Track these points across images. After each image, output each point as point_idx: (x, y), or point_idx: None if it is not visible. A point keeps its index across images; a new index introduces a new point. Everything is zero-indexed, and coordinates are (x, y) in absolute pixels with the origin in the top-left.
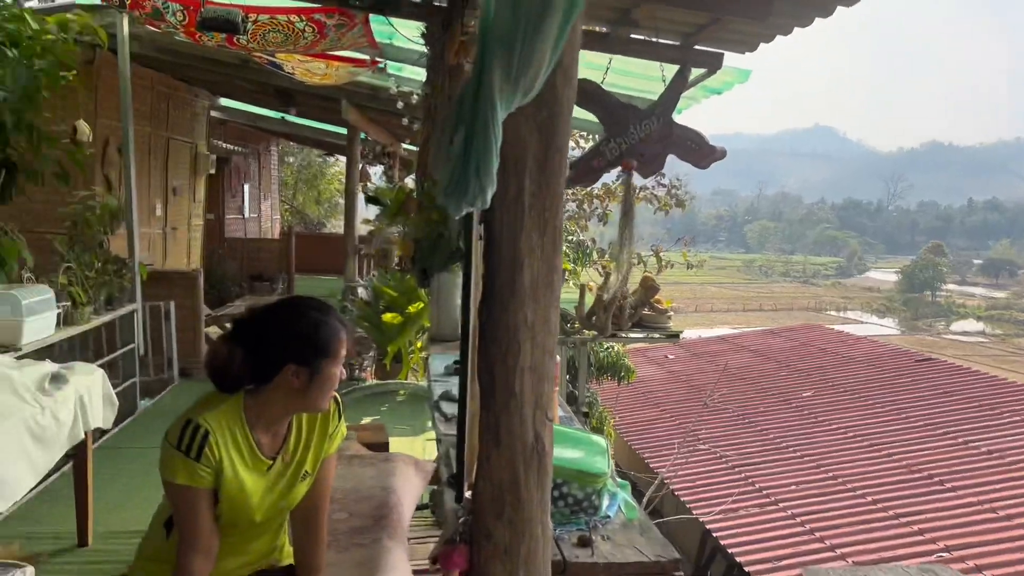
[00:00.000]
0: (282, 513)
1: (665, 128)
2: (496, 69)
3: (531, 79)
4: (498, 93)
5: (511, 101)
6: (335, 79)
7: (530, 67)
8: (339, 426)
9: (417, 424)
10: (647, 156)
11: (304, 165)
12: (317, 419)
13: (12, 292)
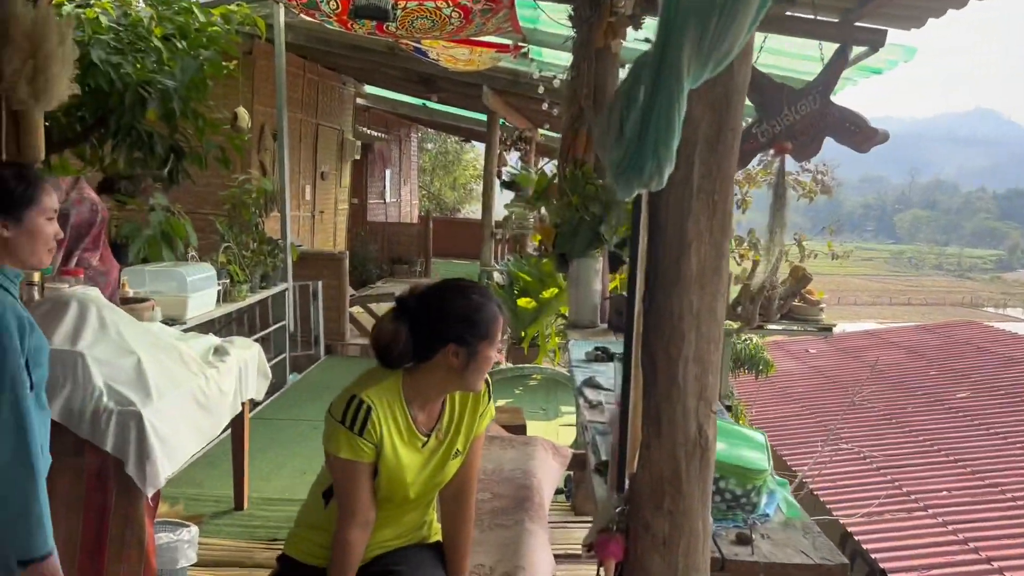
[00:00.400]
0: (433, 490)
1: (822, 109)
2: (686, 41)
3: (724, 53)
4: (686, 66)
5: (699, 76)
6: (478, 65)
7: (725, 40)
8: (488, 407)
9: (551, 409)
10: (802, 139)
11: (442, 151)
12: (469, 399)
13: (179, 269)
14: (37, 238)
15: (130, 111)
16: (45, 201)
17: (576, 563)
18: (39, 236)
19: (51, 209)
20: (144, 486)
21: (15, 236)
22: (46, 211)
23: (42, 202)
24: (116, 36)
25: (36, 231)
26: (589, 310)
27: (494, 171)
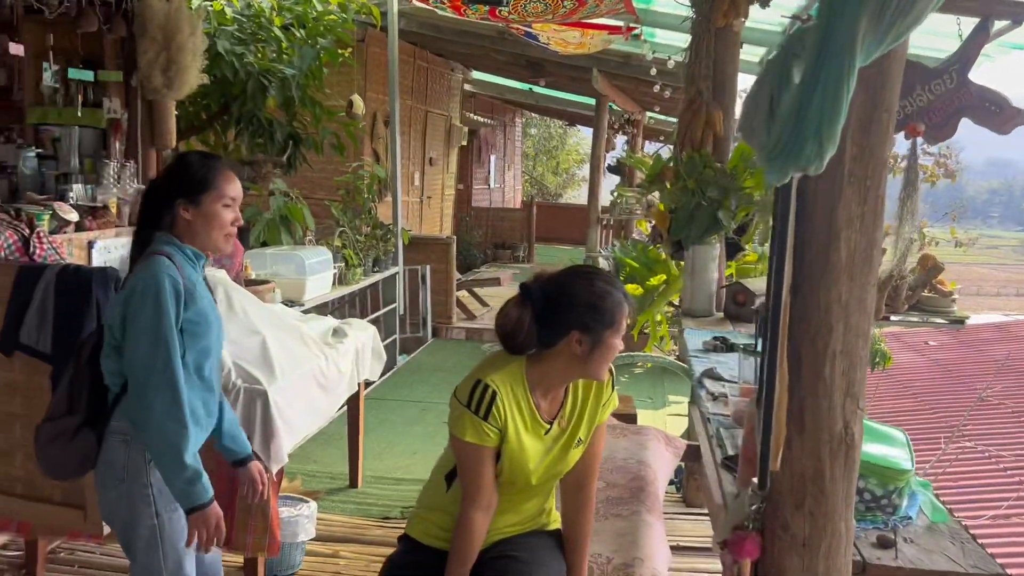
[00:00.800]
0: (555, 478)
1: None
2: (863, 14)
3: (905, 27)
4: (860, 39)
5: (873, 50)
6: (589, 48)
7: (909, 13)
8: (612, 396)
9: (658, 398)
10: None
11: (545, 136)
12: (592, 387)
13: (298, 252)
14: (212, 222)
15: (252, 99)
16: (223, 187)
17: (688, 555)
18: (214, 220)
19: (228, 196)
20: (269, 462)
21: (194, 219)
22: (223, 197)
23: (219, 188)
24: (240, 27)
25: (211, 215)
26: (705, 298)
27: (601, 155)
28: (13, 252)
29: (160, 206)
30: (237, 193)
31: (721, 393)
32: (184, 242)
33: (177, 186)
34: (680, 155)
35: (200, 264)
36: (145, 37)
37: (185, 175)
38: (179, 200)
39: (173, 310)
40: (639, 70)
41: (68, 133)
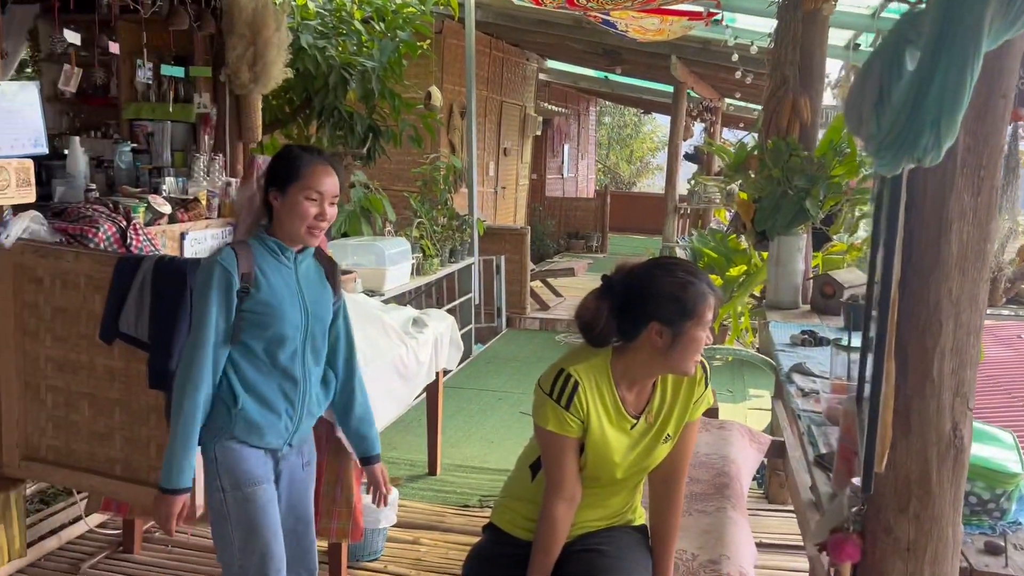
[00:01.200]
0: (641, 473)
1: None
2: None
3: None
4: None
5: (1000, 36)
6: (668, 34)
7: None
8: (705, 393)
9: (737, 391)
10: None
11: (619, 125)
12: (683, 383)
13: (378, 243)
14: (294, 213)
15: (333, 92)
16: (308, 179)
17: (772, 553)
18: (295, 211)
19: (314, 189)
20: (353, 449)
21: (280, 208)
22: (307, 189)
23: (304, 179)
24: (322, 21)
25: (294, 206)
26: (790, 291)
27: (679, 143)
28: (112, 243)
29: (264, 194)
30: (327, 188)
31: (812, 389)
32: (274, 231)
33: (272, 174)
34: (765, 143)
35: (286, 255)
36: (233, 33)
37: (278, 164)
38: (271, 188)
39: (218, 300)
40: (719, 56)
41: (161, 128)
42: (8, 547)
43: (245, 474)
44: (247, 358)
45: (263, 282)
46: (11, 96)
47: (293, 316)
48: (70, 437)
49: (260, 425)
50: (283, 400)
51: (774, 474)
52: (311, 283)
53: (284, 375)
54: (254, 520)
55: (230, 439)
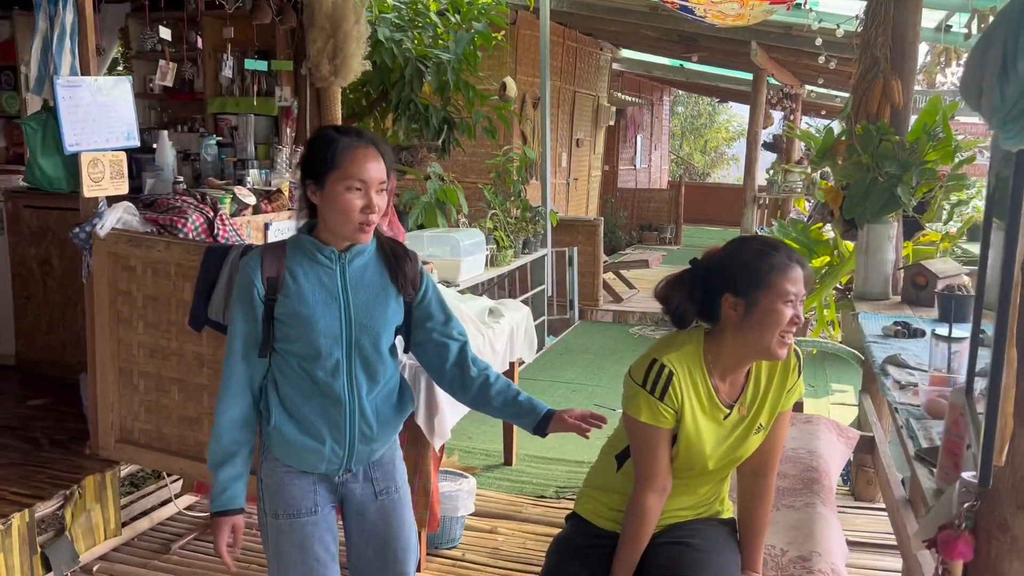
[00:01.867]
0: (732, 464)
1: None
2: None
3: None
4: None
5: None
6: (748, 19)
7: None
8: (798, 382)
9: (819, 386)
10: None
11: (693, 115)
12: (776, 372)
13: (453, 234)
14: (335, 207)
15: (409, 85)
16: (349, 168)
17: (862, 551)
18: (337, 206)
19: (355, 179)
20: (432, 437)
21: (320, 203)
22: (347, 179)
23: (344, 168)
24: (399, 14)
25: (333, 199)
26: (880, 281)
27: (759, 131)
28: (200, 233)
29: (302, 191)
30: (371, 175)
31: (909, 382)
32: (319, 231)
33: (307, 164)
34: (853, 128)
35: (325, 255)
36: (314, 27)
37: (313, 151)
38: (307, 180)
39: (241, 307)
40: (801, 41)
41: (244, 121)
42: (104, 526)
43: (285, 503)
44: (284, 373)
45: (293, 287)
46: (106, 91)
47: (328, 325)
48: (161, 421)
49: (296, 448)
50: (324, 423)
51: (861, 470)
52: (364, 285)
53: (325, 394)
54: (286, 554)
55: (274, 460)
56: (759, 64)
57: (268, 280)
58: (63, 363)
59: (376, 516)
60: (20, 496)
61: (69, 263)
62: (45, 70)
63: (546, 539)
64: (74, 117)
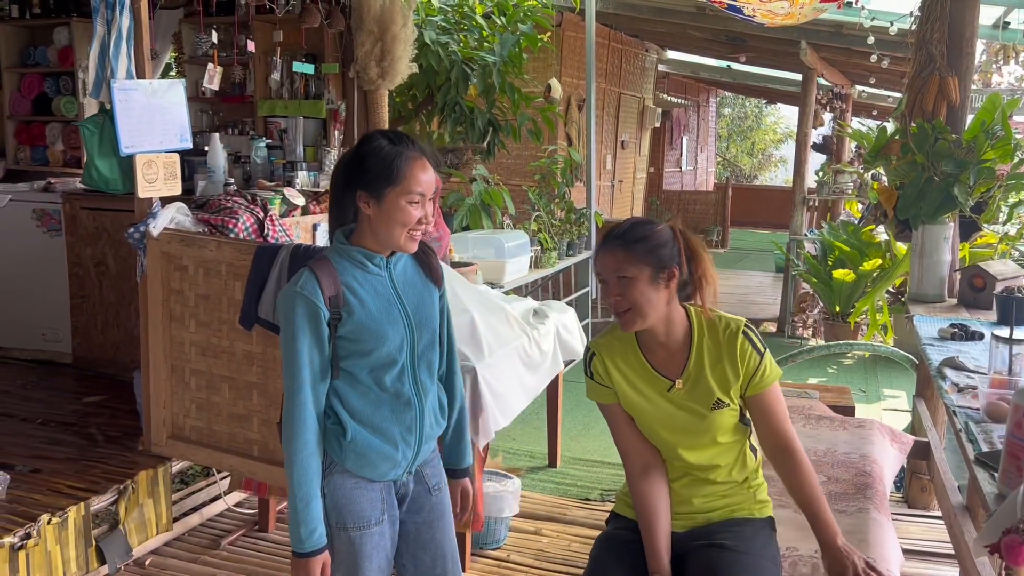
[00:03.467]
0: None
1: None
2: None
3: None
4: None
5: None
6: (798, 18)
7: None
8: (763, 363)
9: (871, 391)
10: None
11: (739, 116)
12: (722, 346)
13: (497, 236)
14: (394, 219)
15: (455, 87)
16: (410, 182)
17: (917, 560)
18: (396, 218)
19: (416, 192)
20: (476, 437)
21: (375, 215)
22: (410, 192)
23: (406, 182)
24: (445, 17)
25: (394, 212)
26: (936, 283)
27: (808, 132)
28: (250, 233)
29: (342, 196)
30: (428, 186)
31: (968, 385)
32: (363, 238)
33: (359, 174)
34: (908, 127)
35: (375, 263)
36: (362, 30)
37: (369, 162)
38: (360, 191)
39: (305, 334)
40: (852, 40)
41: (293, 124)
42: (156, 521)
43: (354, 516)
44: (351, 385)
45: (354, 302)
46: (161, 93)
47: (395, 333)
48: (212, 418)
49: (374, 456)
50: (396, 426)
51: (915, 477)
52: (412, 286)
53: (395, 398)
54: (358, 566)
55: (342, 474)
56: (809, 64)
57: (330, 300)
58: (117, 361)
59: (429, 515)
60: (76, 490)
61: (123, 263)
62: (102, 74)
63: (591, 541)
64: (129, 119)
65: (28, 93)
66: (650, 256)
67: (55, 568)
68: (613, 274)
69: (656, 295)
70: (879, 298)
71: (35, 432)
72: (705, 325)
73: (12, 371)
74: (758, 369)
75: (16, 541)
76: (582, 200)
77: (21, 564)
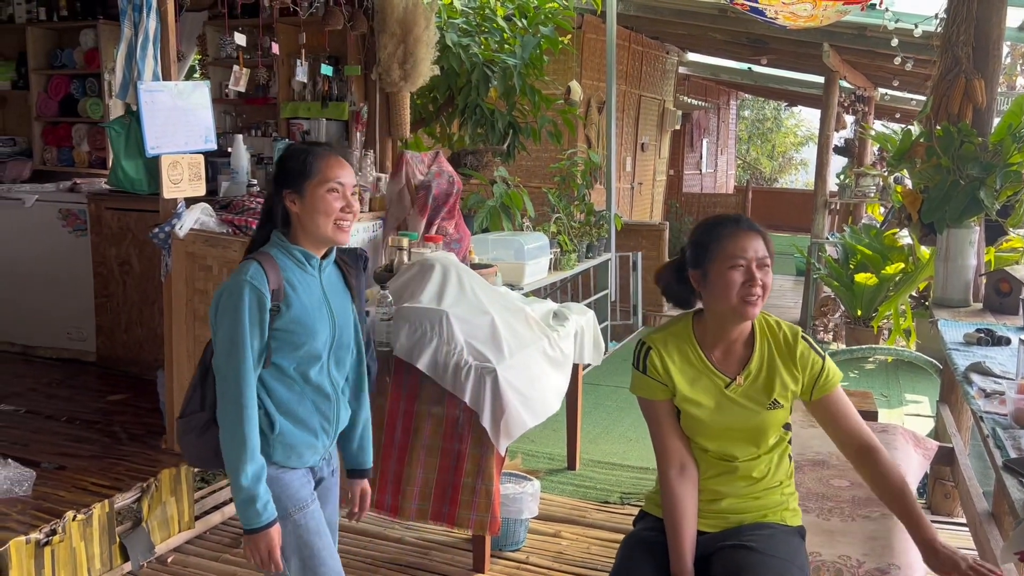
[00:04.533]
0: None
1: None
2: None
3: None
4: None
5: None
6: (821, 20)
7: None
8: (825, 366)
9: (893, 397)
10: None
11: (759, 119)
12: (782, 347)
13: (517, 238)
14: (318, 210)
15: (475, 90)
16: (326, 172)
17: None
18: (320, 208)
19: (334, 181)
20: (496, 439)
21: (301, 210)
22: (327, 182)
23: (322, 173)
24: (466, 19)
25: (316, 202)
26: (961, 287)
27: (830, 135)
28: None
29: (272, 200)
30: (347, 179)
31: (995, 390)
32: (297, 239)
33: (283, 176)
34: (933, 129)
35: (313, 264)
36: (385, 32)
37: (289, 164)
38: (285, 191)
39: (252, 321)
40: (876, 42)
41: (316, 126)
42: (179, 518)
43: (292, 499)
44: (279, 379)
45: (293, 297)
46: (186, 95)
47: (323, 331)
48: None
49: (299, 447)
50: (318, 417)
51: (938, 483)
52: (335, 291)
53: (317, 392)
54: (310, 544)
55: (269, 466)
56: (831, 66)
57: (273, 292)
58: (141, 360)
59: (330, 494)
60: (100, 487)
61: (148, 263)
62: (129, 75)
63: (611, 544)
64: (155, 121)
65: (55, 94)
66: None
67: (80, 564)
68: (755, 256)
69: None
70: (902, 302)
71: (60, 429)
72: (766, 326)
73: (37, 369)
74: (823, 371)
75: (42, 537)
76: (601, 202)
77: (47, 560)
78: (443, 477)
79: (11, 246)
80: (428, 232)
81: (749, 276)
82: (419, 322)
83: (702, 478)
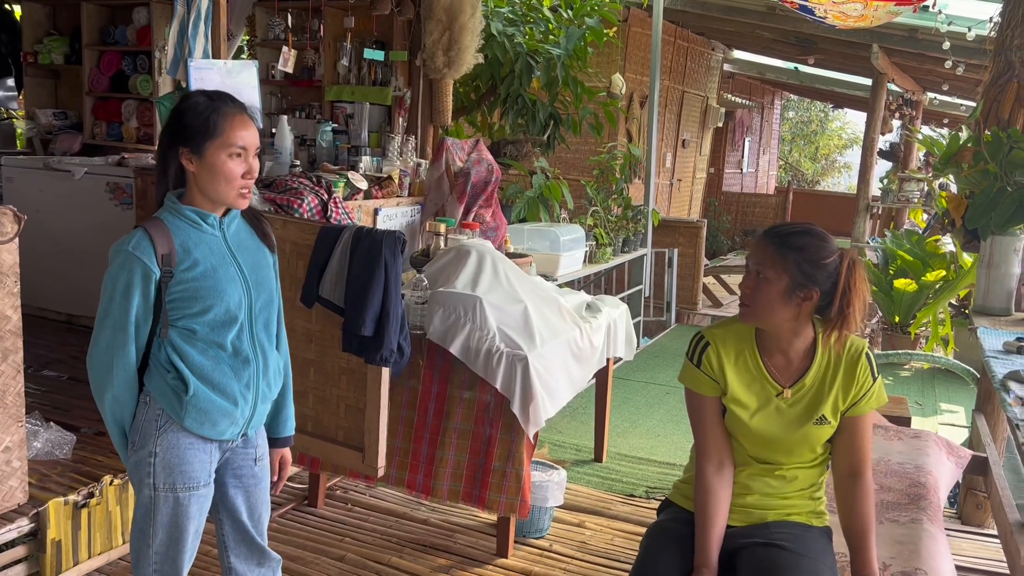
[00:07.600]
0: (793, 450)
1: None
2: None
3: None
4: None
5: None
6: (871, 21)
7: None
8: (874, 388)
9: (927, 405)
10: None
11: (803, 120)
12: (842, 361)
13: (553, 229)
14: (217, 175)
15: (518, 79)
16: (230, 135)
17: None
18: (220, 174)
19: (236, 145)
20: (526, 425)
21: (198, 171)
22: (229, 146)
23: (225, 136)
24: (512, 8)
25: (215, 167)
26: (1003, 296)
27: (876, 138)
28: (314, 214)
29: (166, 155)
30: (250, 141)
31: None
32: (193, 198)
33: (180, 131)
34: (982, 134)
35: (211, 222)
36: (431, 18)
37: (188, 119)
38: (182, 148)
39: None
40: (927, 45)
41: (359, 109)
42: None
43: (184, 476)
44: (190, 343)
45: (188, 260)
46: (235, 74)
47: (233, 291)
48: None
49: (213, 413)
50: (235, 382)
51: (970, 493)
52: (245, 248)
53: (234, 355)
54: (180, 527)
55: (177, 432)
56: (880, 68)
57: (163, 258)
58: None
59: (252, 482)
60: None
61: None
62: (180, 52)
63: (635, 537)
64: None
65: (107, 70)
66: (796, 269)
67: (114, 527)
68: (755, 266)
69: (783, 308)
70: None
71: None
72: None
73: (82, 337)
74: (867, 393)
75: (80, 499)
76: (640, 197)
77: (83, 521)
78: (474, 460)
79: (59, 217)
80: (465, 219)
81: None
82: (453, 307)
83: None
